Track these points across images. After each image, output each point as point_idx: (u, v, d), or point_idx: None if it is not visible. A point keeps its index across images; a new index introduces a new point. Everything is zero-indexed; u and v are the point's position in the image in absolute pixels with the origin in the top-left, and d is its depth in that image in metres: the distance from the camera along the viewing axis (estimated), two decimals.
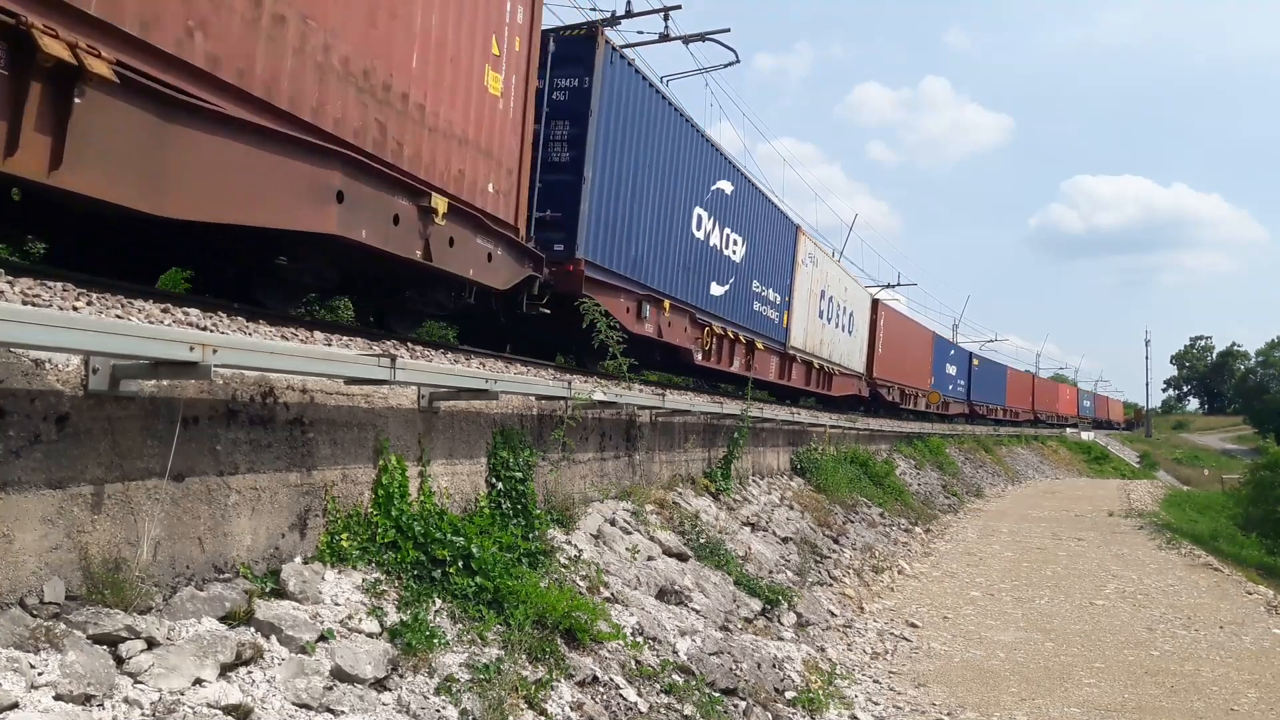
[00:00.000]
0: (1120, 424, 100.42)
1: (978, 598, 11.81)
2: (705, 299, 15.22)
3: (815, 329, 22.27)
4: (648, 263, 12.87)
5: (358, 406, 5.13)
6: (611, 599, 6.46)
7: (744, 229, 17.08)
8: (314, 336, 6.19)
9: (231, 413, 4.25)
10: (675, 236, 13.78)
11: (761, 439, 14.11)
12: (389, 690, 4.12)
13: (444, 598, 4.98)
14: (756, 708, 6.13)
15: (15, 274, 4.63)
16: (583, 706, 4.91)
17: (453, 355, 8.15)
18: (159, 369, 3.59)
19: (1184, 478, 60.06)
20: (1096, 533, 19.69)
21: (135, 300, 5.17)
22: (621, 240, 11.97)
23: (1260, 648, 9.72)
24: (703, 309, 15.10)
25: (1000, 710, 7.24)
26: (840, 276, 25.30)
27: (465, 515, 6.00)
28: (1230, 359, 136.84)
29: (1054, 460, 49.77)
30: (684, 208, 14.05)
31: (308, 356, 4.50)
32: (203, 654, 3.52)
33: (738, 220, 16.70)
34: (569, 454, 7.59)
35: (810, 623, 8.94)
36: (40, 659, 3.03)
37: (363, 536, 4.95)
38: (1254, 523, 23.18)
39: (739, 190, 16.70)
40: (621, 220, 11.92)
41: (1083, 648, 9.33)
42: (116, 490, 3.64)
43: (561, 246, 10.79)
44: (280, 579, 4.33)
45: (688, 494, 10.29)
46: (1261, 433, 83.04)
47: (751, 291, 17.73)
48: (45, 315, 3.21)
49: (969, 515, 22.12)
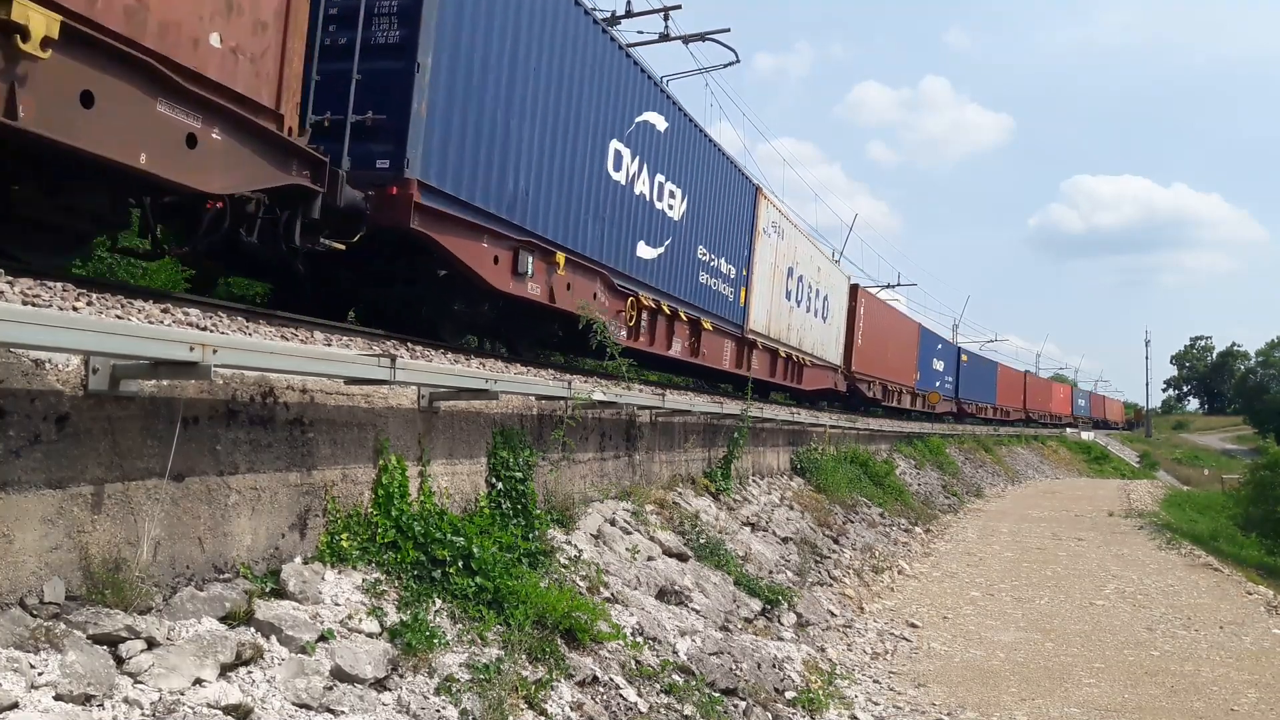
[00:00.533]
0: (1118, 424, 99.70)
1: (978, 598, 11.81)
2: (629, 261, 12.03)
3: (781, 312, 19.18)
4: (535, 201, 9.63)
5: (358, 406, 5.13)
6: (611, 599, 6.46)
7: (684, 179, 13.78)
8: (314, 336, 6.20)
9: (231, 413, 4.25)
10: (581, 173, 10.58)
11: (761, 439, 14.11)
12: (389, 690, 4.12)
13: (444, 598, 4.98)
14: (756, 708, 6.13)
15: (15, 274, 4.63)
16: (583, 706, 4.91)
17: (453, 355, 8.15)
18: (159, 369, 3.59)
19: (1184, 478, 60.05)
20: (1096, 533, 19.68)
21: (135, 300, 5.18)
22: (488, 165, 8.78)
23: (1260, 648, 9.72)
24: (624, 273, 11.90)
25: (1000, 710, 7.24)
26: (813, 254, 22.16)
27: (465, 515, 6.00)
28: (1230, 359, 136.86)
29: (1054, 460, 49.77)
30: (594, 138, 10.82)
31: (308, 356, 4.50)
32: (203, 654, 3.52)
33: (675, 167, 13.39)
34: (569, 454, 7.59)
35: (810, 623, 8.94)
36: (40, 659, 3.03)
37: (363, 536, 4.95)
38: (1254, 523, 23.18)
39: (677, 130, 13.29)
40: (488, 137, 8.75)
41: (1083, 648, 9.33)
42: (116, 490, 3.64)
43: (387, 163, 7.71)
44: (280, 579, 4.33)
45: (688, 494, 10.29)
46: (1261, 433, 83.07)
47: (696, 259, 14.52)
48: (45, 315, 3.21)
49: (969, 515, 22.11)
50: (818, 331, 22.44)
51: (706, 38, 20.28)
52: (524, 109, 9.33)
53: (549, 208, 9.96)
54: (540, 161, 9.70)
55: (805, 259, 21.14)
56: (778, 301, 18.99)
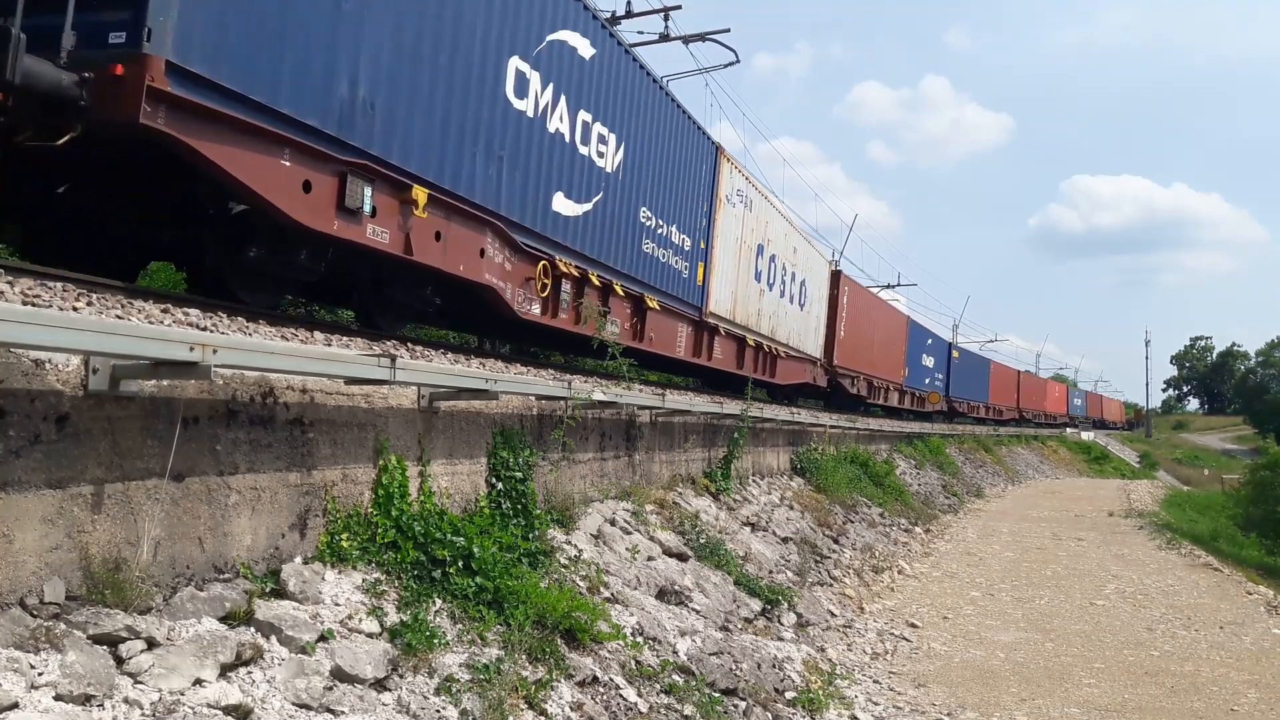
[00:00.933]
0: (1116, 424, 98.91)
1: (978, 598, 11.81)
2: (540, 215, 9.55)
3: (750, 294, 16.83)
4: (385, 117, 7.14)
5: (358, 406, 5.13)
6: (611, 599, 6.46)
7: (620, 124, 11.19)
8: (314, 336, 6.20)
9: (231, 413, 4.25)
10: (463, 92, 8.05)
11: (761, 439, 14.11)
12: (389, 690, 4.12)
13: (444, 598, 4.98)
14: (756, 708, 6.13)
15: (15, 274, 4.64)
16: (583, 707, 4.91)
17: (453, 355, 8.15)
18: (159, 369, 3.59)
19: (1184, 478, 60.05)
20: (1097, 533, 19.68)
21: (135, 300, 5.18)
22: (304, 57, 6.32)
23: (1260, 648, 9.73)
24: (534, 230, 9.43)
25: (1000, 710, 7.24)
26: (788, 232, 19.54)
27: (465, 515, 6.00)
28: (1230, 359, 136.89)
29: (1054, 460, 49.78)
30: (485, 50, 8.29)
31: (308, 356, 4.50)
32: (203, 654, 3.52)
33: (608, 108, 10.81)
34: (569, 454, 7.59)
35: (810, 623, 8.94)
36: (40, 659, 3.03)
37: (363, 536, 4.95)
38: (1254, 523, 23.17)
39: (608, 61, 10.64)
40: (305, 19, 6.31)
41: (1083, 648, 9.33)
42: (116, 490, 3.64)
43: (122, 36, 5.35)
44: (280, 579, 4.34)
45: (688, 494, 10.29)
46: (1261, 433, 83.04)
47: (637, 223, 11.98)
48: (45, 315, 3.21)
49: (969, 515, 22.12)
50: (794, 320, 20.17)
51: (706, 38, 20.27)
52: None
53: (409, 129, 7.42)
54: (396, 65, 7.19)
55: (779, 236, 18.76)
56: (745, 283, 16.59)
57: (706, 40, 20.23)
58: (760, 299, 17.55)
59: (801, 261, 20.73)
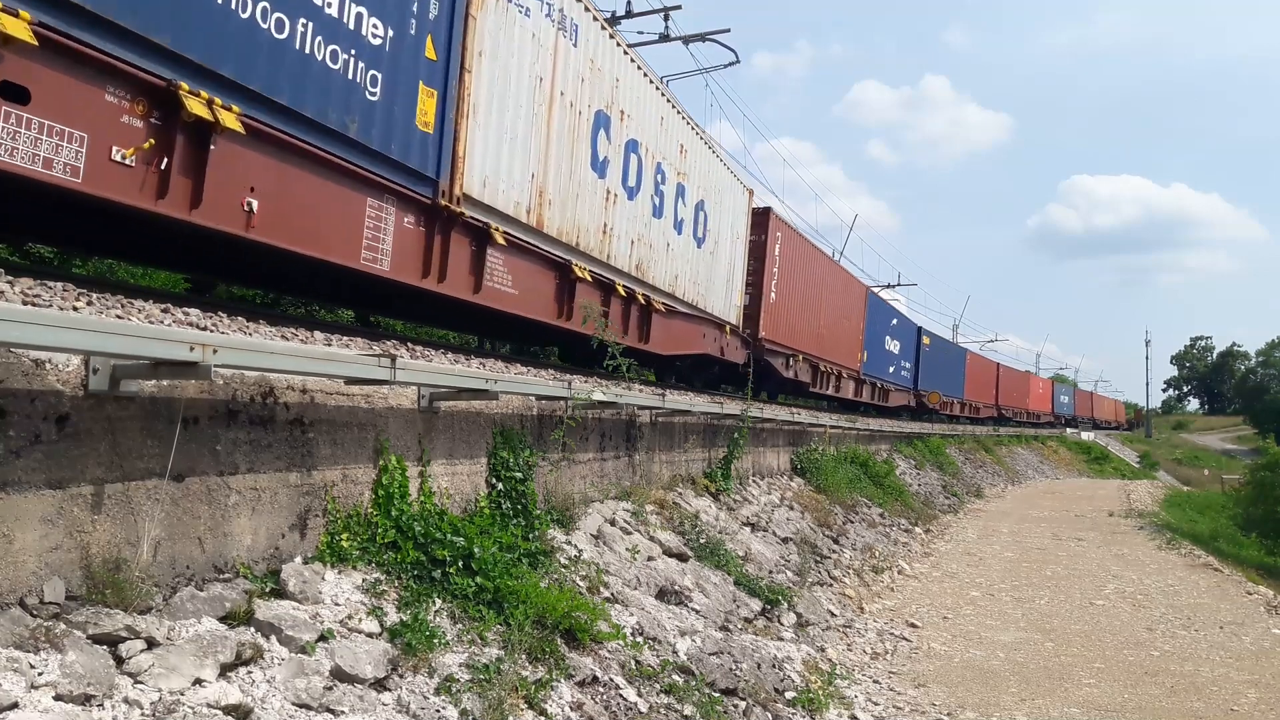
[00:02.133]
0: (1111, 423, 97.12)
1: (978, 598, 11.81)
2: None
3: (581, 190, 10.49)
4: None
5: (358, 406, 5.13)
6: (611, 599, 6.46)
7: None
8: (314, 336, 6.20)
9: (232, 413, 4.25)
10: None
11: (761, 439, 14.12)
12: (389, 690, 4.12)
13: (444, 598, 4.98)
14: (756, 708, 6.13)
15: (15, 274, 4.64)
16: (583, 706, 4.91)
17: (453, 355, 8.15)
18: (159, 369, 3.59)
19: (1184, 478, 60.06)
20: (1097, 533, 19.68)
21: (135, 300, 5.18)
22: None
23: (1260, 648, 9.73)
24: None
25: (1000, 710, 7.24)
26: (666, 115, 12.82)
27: (465, 515, 6.00)
28: (1230, 359, 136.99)
29: (1054, 460, 49.78)
30: None
31: (308, 356, 4.50)
32: (203, 654, 3.52)
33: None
34: (569, 454, 7.59)
35: (810, 623, 8.94)
36: (40, 659, 3.03)
37: (363, 537, 4.95)
38: (1254, 523, 23.16)
39: None
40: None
41: (1083, 648, 9.33)
42: (117, 490, 3.64)
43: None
44: (280, 579, 4.33)
45: (688, 494, 10.29)
46: (1261, 433, 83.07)
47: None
48: (45, 315, 3.21)
49: (969, 515, 22.11)
50: (686, 259, 13.99)
51: (706, 38, 20.29)
52: None
53: None
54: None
55: (647, 115, 12.14)
56: (566, 168, 10.15)
57: (706, 40, 20.26)
58: (609, 208, 11.25)
59: (697, 173, 14.27)
